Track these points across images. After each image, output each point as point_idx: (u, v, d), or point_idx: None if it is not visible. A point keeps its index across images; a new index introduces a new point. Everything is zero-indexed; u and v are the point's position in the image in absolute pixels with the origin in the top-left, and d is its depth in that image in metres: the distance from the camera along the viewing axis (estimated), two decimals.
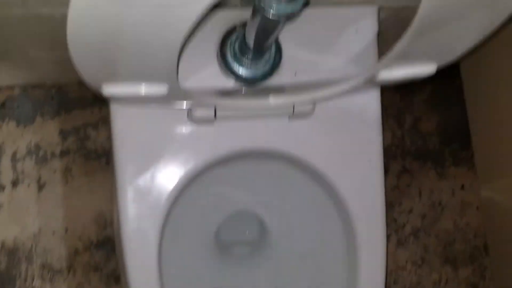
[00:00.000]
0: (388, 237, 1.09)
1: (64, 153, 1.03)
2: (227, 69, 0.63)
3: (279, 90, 0.62)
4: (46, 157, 1.02)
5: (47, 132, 1.03)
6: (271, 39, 0.57)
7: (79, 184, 1.02)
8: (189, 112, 0.62)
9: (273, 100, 0.58)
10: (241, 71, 0.63)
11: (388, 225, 1.09)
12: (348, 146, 0.67)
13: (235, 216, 0.82)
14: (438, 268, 1.09)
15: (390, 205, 1.09)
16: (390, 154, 1.09)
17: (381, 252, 0.71)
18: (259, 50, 0.60)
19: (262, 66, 0.63)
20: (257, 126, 0.64)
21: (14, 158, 1.01)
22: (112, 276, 1.01)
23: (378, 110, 0.66)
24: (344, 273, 0.73)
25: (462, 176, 1.11)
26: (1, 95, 1.02)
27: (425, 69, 0.53)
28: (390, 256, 1.08)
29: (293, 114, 0.61)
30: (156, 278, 0.72)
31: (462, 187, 1.11)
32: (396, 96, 1.10)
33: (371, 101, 0.65)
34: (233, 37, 0.62)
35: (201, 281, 0.82)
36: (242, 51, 0.61)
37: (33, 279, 1.00)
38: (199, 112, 0.59)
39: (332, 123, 0.66)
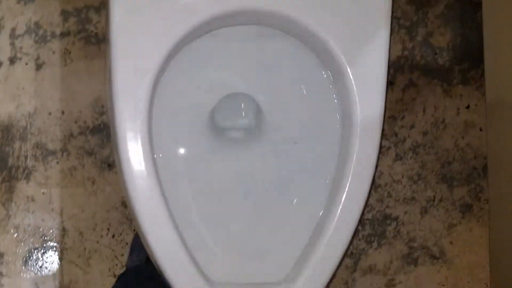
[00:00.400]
0: (386, 150, 1.08)
1: (64, 34, 1.00)
2: None
3: None
4: (46, 37, 1.00)
5: (48, 11, 1.00)
6: None
7: (77, 67, 1.00)
8: None
9: None
10: None
11: (387, 138, 1.07)
12: (354, 14, 0.64)
13: (230, 100, 0.80)
14: (434, 186, 1.08)
15: (392, 118, 1.07)
16: (398, 66, 1.06)
17: (376, 136, 0.70)
18: None
19: None
20: None
21: (13, 35, 0.99)
22: (105, 162, 1.01)
23: None
24: (336, 157, 0.72)
25: (468, 95, 1.08)
26: None
27: None
28: (386, 169, 1.07)
29: None
30: (148, 151, 0.71)
31: (468, 107, 1.08)
32: (410, 8, 1.07)
33: None
34: None
35: (194, 158, 0.80)
36: None
37: (26, 158, 0.99)
38: None
39: None
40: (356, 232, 0.73)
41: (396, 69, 1.06)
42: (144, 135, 0.70)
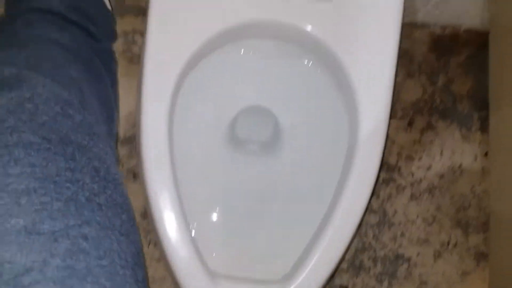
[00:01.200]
0: (402, 189, 1.09)
1: None
2: None
3: None
4: None
5: None
6: None
7: (119, 83, 1.09)
8: None
9: None
10: None
11: (404, 177, 1.10)
12: (365, 35, 0.71)
13: (249, 112, 0.86)
14: (448, 230, 1.08)
15: (409, 158, 1.10)
16: (418, 108, 1.10)
17: (378, 153, 0.73)
18: None
19: None
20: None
21: None
22: (131, 171, 1.07)
23: (399, 6, 0.70)
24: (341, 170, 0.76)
25: (487, 143, 1.10)
26: None
27: None
28: (401, 207, 1.08)
29: None
30: (168, 154, 0.76)
31: (486, 154, 1.10)
32: (431, 56, 1.12)
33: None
34: None
35: (211, 166, 0.85)
36: None
37: None
38: None
39: (352, 10, 0.70)
40: (352, 241, 0.74)
41: (415, 111, 1.10)
42: (165, 140, 0.76)
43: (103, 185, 0.48)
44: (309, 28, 0.72)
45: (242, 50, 0.81)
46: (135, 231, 0.50)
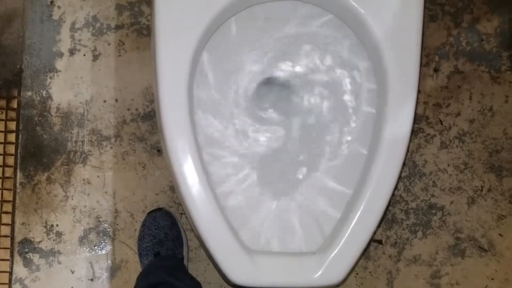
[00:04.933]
0: (431, 137, 1.07)
1: (118, 27, 1.07)
2: None
3: None
4: (102, 30, 1.07)
5: (104, 5, 1.07)
6: None
7: (130, 57, 1.07)
8: None
9: None
10: None
11: (432, 125, 1.06)
12: None
13: (267, 85, 0.82)
14: (481, 175, 1.06)
15: (437, 106, 1.06)
16: (443, 53, 1.05)
17: (410, 108, 0.70)
18: None
19: None
20: None
21: (73, 28, 1.07)
22: (155, 147, 1.06)
23: None
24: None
25: None
26: None
27: None
28: (431, 157, 1.06)
29: None
30: (190, 130, 0.74)
31: None
32: None
33: None
34: None
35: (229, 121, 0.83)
36: None
37: (83, 143, 1.06)
38: None
39: None
40: (387, 208, 0.73)
41: (441, 56, 1.05)
42: (185, 113, 0.73)
43: None
44: None
45: (256, 15, 0.77)
46: None
